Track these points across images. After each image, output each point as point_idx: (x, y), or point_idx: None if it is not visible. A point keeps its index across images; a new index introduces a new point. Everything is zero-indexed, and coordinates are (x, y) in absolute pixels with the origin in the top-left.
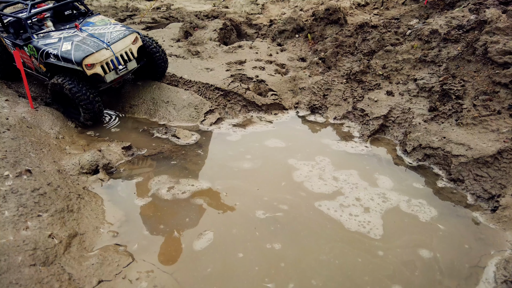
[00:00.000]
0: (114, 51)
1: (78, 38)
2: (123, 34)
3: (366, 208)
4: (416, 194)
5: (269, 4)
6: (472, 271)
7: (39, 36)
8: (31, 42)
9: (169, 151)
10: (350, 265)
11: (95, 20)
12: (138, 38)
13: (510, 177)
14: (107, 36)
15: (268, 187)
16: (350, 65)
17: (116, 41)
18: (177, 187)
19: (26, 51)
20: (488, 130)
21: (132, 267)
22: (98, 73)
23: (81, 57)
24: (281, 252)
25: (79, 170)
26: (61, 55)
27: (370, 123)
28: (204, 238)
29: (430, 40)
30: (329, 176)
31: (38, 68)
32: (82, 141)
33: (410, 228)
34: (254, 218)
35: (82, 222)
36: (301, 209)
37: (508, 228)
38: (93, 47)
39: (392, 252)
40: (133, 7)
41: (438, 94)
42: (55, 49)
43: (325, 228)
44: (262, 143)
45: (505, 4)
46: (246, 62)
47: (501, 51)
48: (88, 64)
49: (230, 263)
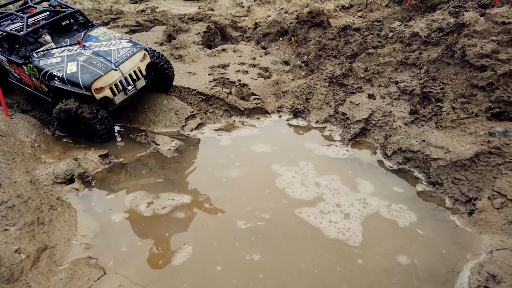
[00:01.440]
0: (123, 72)
1: (83, 57)
2: (131, 52)
3: (346, 215)
4: (396, 198)
5: (254, 6)
6: (448, 276)
7: (39, 54)
8: (31, 62)
9: (147, 158)
10: (329, 273)
11: (98, 33)
12: (147, 55)
13: (487, 180)
14: (114, 54)
15: (250, 196)
16: (332, 68)
17: (125, 60)
18: (156, 201)
19: (25, 70)
20: (466, 133)
21: (103, 281)
22: (108, 96)
23: (89, 81)
24: (261, 263)
25: (53, 180)
26: (67, 78)
27: (351, 127)
28: (183, 252)
29: (411, 43)
30: (311, 182)
31: (39, 87)
32: (59, 148)
33: (390, 234)
34: (235, 229)
35: (54, 235)
36: (282, 218)
37: (484, 232)
38: (100, 68)
39: (371, 259)
40: (118, 10)
41: (419, 97)
42: (59, 71)
43: (306, 237)
44: (244, 148)
45: (483, 7)
46: (229, 65)
47: (478, 54)
48: (97, 88)
49: (208, 277)
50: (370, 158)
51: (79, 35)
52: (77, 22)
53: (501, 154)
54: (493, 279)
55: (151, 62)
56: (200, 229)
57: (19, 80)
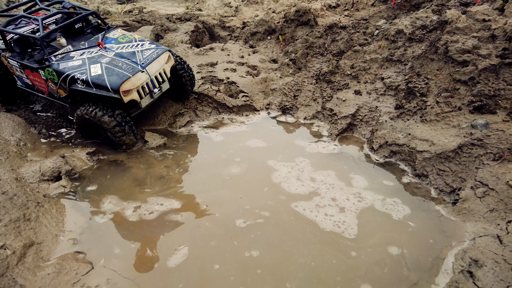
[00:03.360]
0: (150, 73)
1: (106, 59)
2: (156, 54)
3: (342, 208)
4: (387, 192)
5: (242, 6)
6: (433, 263)
7: (58, 57)
8: (50, 66)
9: (136, 154)
10: (325, 266)
11: (116, 35)
12: (171, 56)
13: (470, 170)
14: (138, 55)
15: (249, 193)
16: (319, 66)
17: (151, 62)
18: (143, 206)
19: (41, 75)
20: (449, 125)
21: (91, 275)
22: (135, 99)
23: (118, 83)
24: (259, 259)
25: (39, 177)
26: (92, 81)
27: (339, 122)
28: (179, 254)
29: (396, 40)
30: (300, 177)
31: (54, 93)
32: (45, 147)
33: (382, 226)
34: (234, 228)
35: (40, 231)
36: (281, 214)
37: (467, 220)
38: (127, 70)
39: (364, 252)
40: (105, 10)
41: (404, 92)
42: (82, 74)
43: (304, 231)
44: (234, 145)
45: (465, 5)
46: (217, 64)
47: (460, 50)
48: (125, 90)
49: (205, 276)
50: (358, 153)
51: (96, 37)
52: (90, 24)
53: (482, 145)
54: (476, 263)
55: (172, 67)
56: (198, 228)
57: (30, 86)
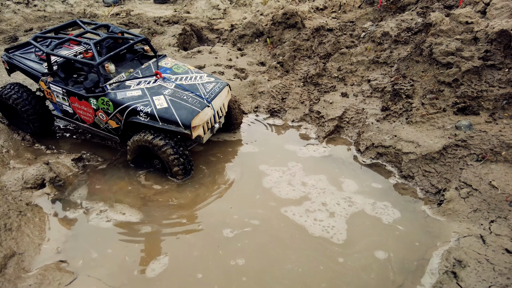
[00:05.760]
0: (214, 108)
1: (167, 91)
2: (218, 88)
3: (332, 213)
4: (375, 194)
5: (231, 9)
6: (418, 264)
7: (112, 85)
8: (107, 95)
9: (124, 161)
10: (311, 272)
11: (169, 65)
12: (229, 91)
13: (454, 171)
14: (200, 89)
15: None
16: (307, 69)
17: (215, 96)
18: (127, 212)
19: (91, 104)
20: (435, 127)
21: (75, 285)
22: (200, 135)
23: (189, 118)
24: (245, 267)
25: (22, 185)
26: (159, 115)
27: (326, 125)
28: (160, 263)
29: (382, 42)
30: (291, 179)
31: (101, 123)
32: (29, 154)
33: (371, 231)
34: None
35: (22, 241)
36: (271, 221)
37: (452, 220)
38: (195, 104)
39: (351, 257)
40: (91, 13)
41: (390, 94)
42: (146, 106)
43: (292, 236)
44: (220, 148)
45: (448, 8)
46: (205, 67)
47: (444, 52)
48: (194, 126)
49: (186, 286)
50: (346, 155)
51: (147, 65)
52: (136, 51)
53: (466, 146)
54: (459, 264)
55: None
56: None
57: (70, 114)
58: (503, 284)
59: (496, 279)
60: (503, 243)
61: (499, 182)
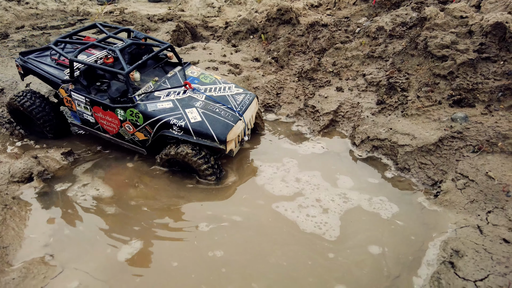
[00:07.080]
0: (246, 121)
1: (199, 103)
2: (248, 100)
3: (325, 209)
4: (373, 190)
5: (225, 7)
6: (415, 255)
7: (141, 96)
8: (136, 106)
9: (114, 156)
10: (298, 267)
11: (195, 74)
12: (257, 102)
13: (450, 163)
14: (231, 101)
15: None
16: (302, 64)
17: (246, 109)
18: (115, 203)
19: (117, 115)
20: (430, 119)
21: (61, 278)
22: (232, 149)
23: (224, 133)
24: (224, 259)
25: (8, 179)
26: (194, 129)
27: (321, 119)
28: (133, 246)
29: (377, 37)
30: (291, 178)
31: (127, 135)
32: (18, 149)
33: (366, 226)
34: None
35: (7, 234)
36: (258, 216)
37: (449, 211)
38: (228, 118)
39: (343, 253)
40: (84, 11)
41: (385, 87)
42: (180, 119)
43: (282, 232)
44: None
45: (443, 3)
46: (199, 62)
47: (439, 45)
48: (229, 140)
49: (160, 272)
50: (340, 148)
51: (173, 73)
52: (159, 58)
53: (462, 138)
54: (457, 254)
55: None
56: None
57: (91, 123)
58: (502, 273)
59: (494, 268)
60: (500, 233)
61: (495, 173)
